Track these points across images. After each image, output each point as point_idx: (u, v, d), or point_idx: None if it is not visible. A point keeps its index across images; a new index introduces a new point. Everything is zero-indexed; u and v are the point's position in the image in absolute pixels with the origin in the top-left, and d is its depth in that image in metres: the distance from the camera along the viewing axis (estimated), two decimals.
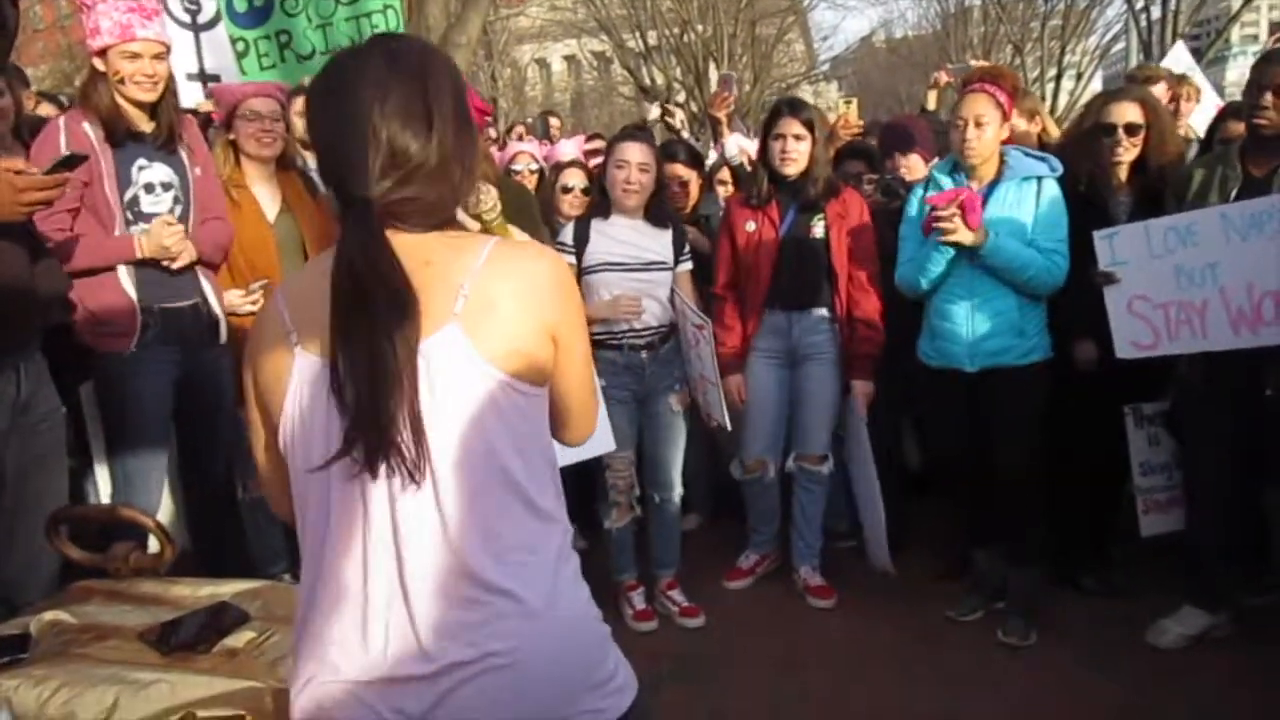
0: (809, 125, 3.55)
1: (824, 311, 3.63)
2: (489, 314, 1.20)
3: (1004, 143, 3.33)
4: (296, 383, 1.22)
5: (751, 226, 3.64)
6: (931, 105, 6.01)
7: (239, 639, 1.74)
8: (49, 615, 1.78)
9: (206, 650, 1.70)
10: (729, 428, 3.56)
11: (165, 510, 3.28)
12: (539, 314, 1.24)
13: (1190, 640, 3.20)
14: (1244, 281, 2.89)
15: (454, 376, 1.19)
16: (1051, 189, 3.25)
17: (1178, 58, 6.49)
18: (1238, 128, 3.34)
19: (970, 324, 3.26)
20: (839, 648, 3.39)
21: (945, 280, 3.30)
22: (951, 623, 3.48)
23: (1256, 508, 3.27)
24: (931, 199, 3.20)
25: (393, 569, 1.19)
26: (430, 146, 1.21)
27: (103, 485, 3.22)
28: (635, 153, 3.44)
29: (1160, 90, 4.56)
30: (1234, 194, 3.00)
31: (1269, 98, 2.91)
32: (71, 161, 2.54)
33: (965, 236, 3.13)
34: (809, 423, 3.69)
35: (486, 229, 1.43)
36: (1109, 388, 3.35)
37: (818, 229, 3.59)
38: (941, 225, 3.13)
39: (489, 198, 1.16)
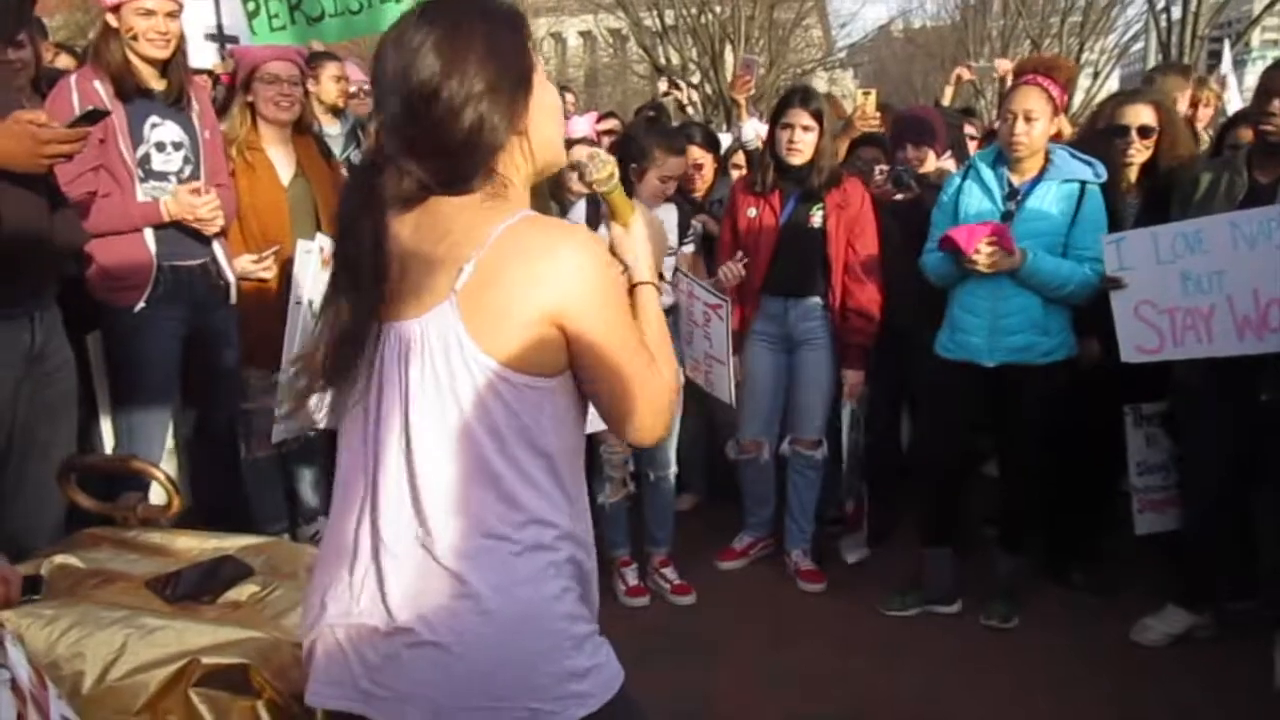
0: (817, 116, 3.57)
1: (819, 299, 3.67)
2: (487, 293, 1.18)
3: (1051, 139, 3.29)
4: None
5: (753, 213, 3.67)
6: (947, 100, 6.01)
7: (242, 592, 1.78)
8: (59, 559, 1.82)
9: (211, 601, 1.74)
10: (734, 404, 3.60)
11: (167, 466, 3.33)
12: (541, 298, 1.19)
13: (1173, 639, 3.25)
14: (1250, 288, 2.90)
15: (441, 356, 1.20)
16: (1095, 195, 3.22)
17: (1225, 65, 6.53)
18: (1247, 134, 3.35)
19: (992, 318, 3.24)
20: (827, 630, 3.44)
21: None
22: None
23: (1246, 511, 3.31)
24: (957, 238, 3.15)
25: (369, 529, 1.26)
26: (449, 104, 1.19)
27: (106, 436, 3.26)
28: (677, 167, 3.51)
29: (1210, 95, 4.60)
30: (1240, 200, 3.02)
31: (1277, 104, 2.91)
32: (94, 116, 2.58)
33: (1004, 264, 3.13)
34: (804, 406, 3.75)
35: (608, 202, 1.42)
36: (1109, 386, 3.38)
37: (816, 218, 3.63)
38: (979, 267, 3.13)
39: (606, 166, 1.14)
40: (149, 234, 3.04)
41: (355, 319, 1.22)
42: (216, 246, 3.21)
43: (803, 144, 3.56)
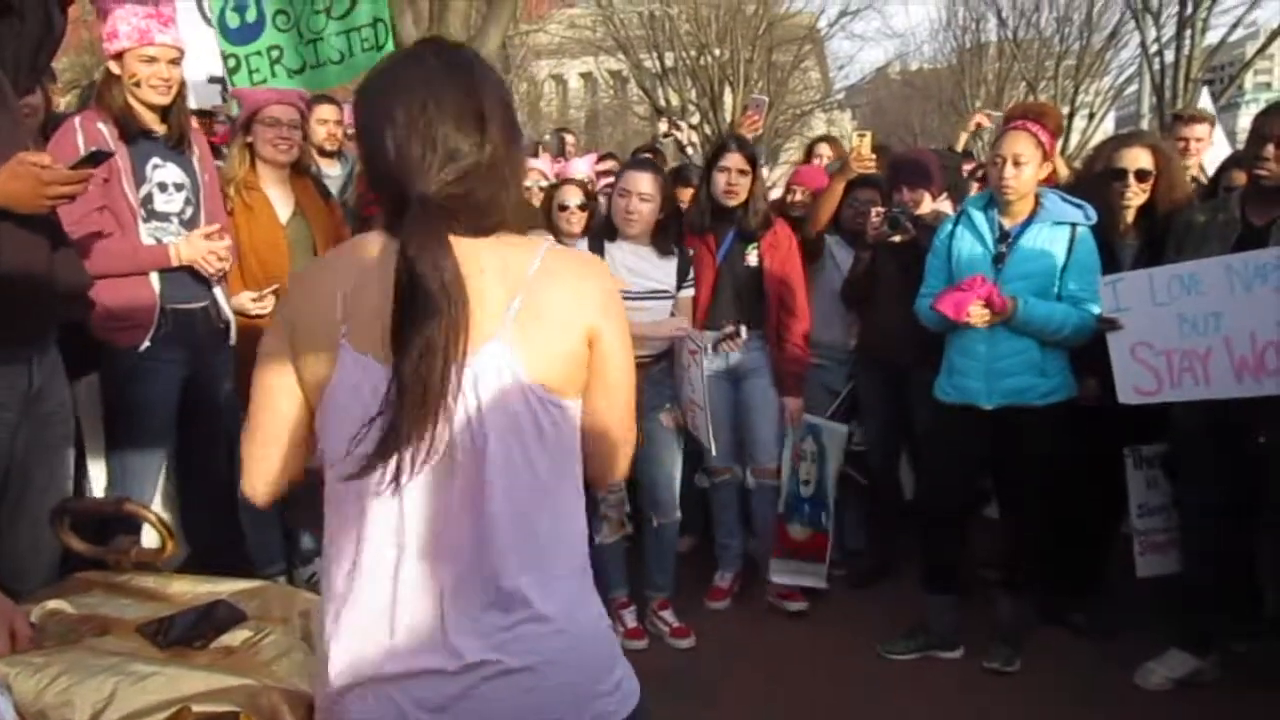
0: (752, 161, 3.83)
1: (759, 332, 3.85)
2: (537, 325, 1.24)
3: (1044, 182, 3.34)
4: (343, 376, 1.24)
5: (691, 252, 3.77)
6: (960, 145, 6.07)
7: (235, 637, 1.75)
8: (50, 604, 1.80)
9: (203, 647, 1.72)
10: (714, 451, 3.65)
11: (160, 509, 3.30)
12: (584, 324, 1.28)
13: (1176, 683, 3.21)
14: (1247, 331, 2.91)
15: (498, 389, 1.22)
16: (1086, 237, 3.25)
17: (1203, 103, 6.62)
18: (1241, 177, 3.38)
19: (990, 361, 3.25)
20: (825, 669, 3.41)
21: None
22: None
23: (1248, 553, 3.29)
24: (945, 310, 3.19)
25: (424, 567, 1.24)
26: (483, 146, 1.23)
27: (95, 479, 3.23)
28: (637, 182, 3.55)
29: (1203, 131, 4.65)
30: (1234, 242, 3.04)
31: (1270, 149, 2.94)
32: (97, 158, 2.59)
33: (996, 319, 3.17)
34: (758, 435, 3.89)
35: None
36: (1110, 427, 3.37)
37: (751, 257, 3.83)
38: (974, 324, 3.18)
39: None
40: (154, 275, 3.06)
41: (447, 351, 1.15)
42: (217, 289, 3.24)
43: (739, 186, 3.77)
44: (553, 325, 1.25)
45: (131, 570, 2.02)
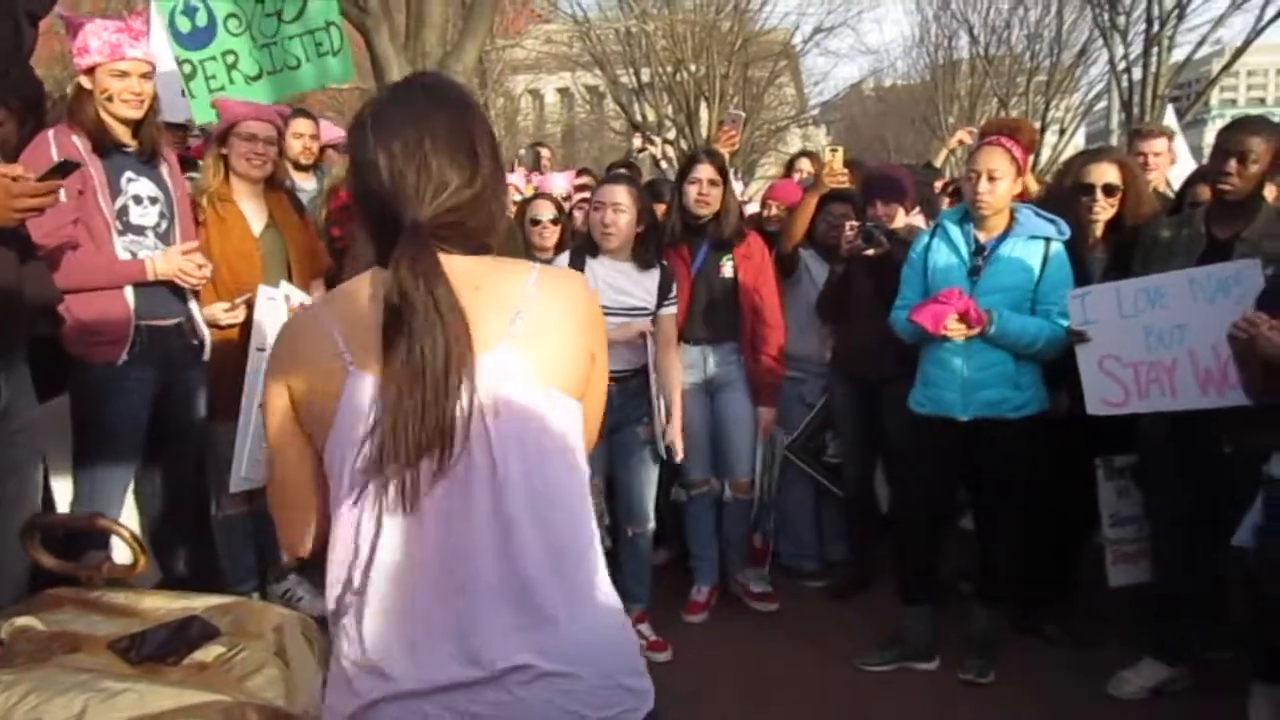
0: (722, 172, 3.84)
1: (734, 344, 3.88)
2: (542, 335, 1.29)
3: (1016, 198, 3.38)
4: (349, 400, 1.25)
5: (665, 264, 3.77)
6: (939, 162, 6.14)
7: (208, 653, 1.75)
8: (19, 621, 1.79)
9: (176, 663, 1.71)
10: (679, 459, 3.68)
11: (128, 524, 3.26)
12: (583, 335, 1.34)
13: (1149, 692, 3.24)
14: (1210, 343, 2.95)
15: (511, 394, 1.25)
16: (1060, 252, 3.29)
17: (1168, 120, 6.73)
18: (1205, 191, 3.44)
19: (965, 373, 3.28)
20: (803, 681, 3.41)
21: None
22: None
23: (1217, 562, 3.33)
24: (923, 321, 3.22)
25: (447, 576, 1.24)
26: (474, 174, 1.29)
27: (60, 496, 3.20)
28: (612, 194, 3.56)
29: (1161, 145, 4.71)
30: (1199, 255, 3.09)
31: (1233, 164, 3.00)
32: (65, 168, 2.56)
33: (973, 332, 3.20)
34: (733, 448, 3.91)
35: None
36: (1081, 438, 3.41)
37: (726, 268, 3.85)
38: (951, 337, 3.21)
39: None
40: (129, 290, 3.04)
41: (447, 361, 1.19)
42: (193, 305, 3.23)
43: (711, 197, 3.81)
44: (555, 339, 1.30)
45: (103, 586, 2.01)
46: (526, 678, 1.24)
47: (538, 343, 1.28)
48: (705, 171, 3.82)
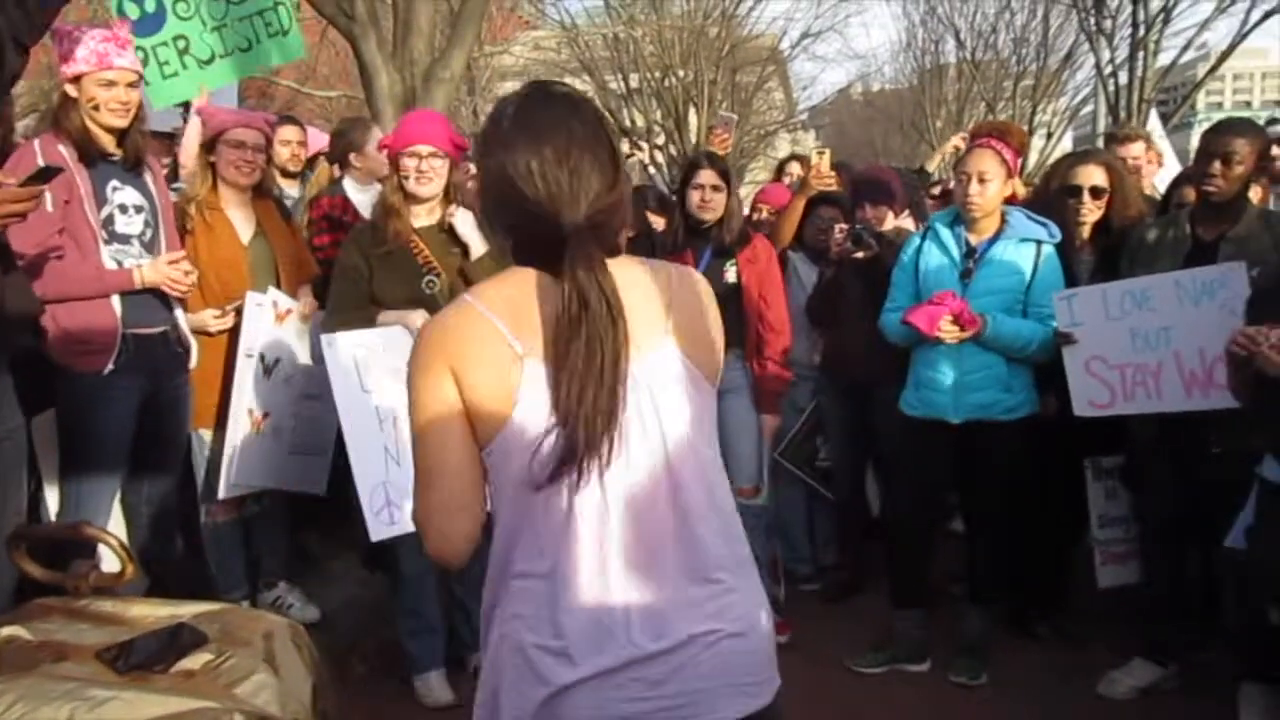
0: (725, 177, 3.78)
1: (738, 350, 3.76)
2: (690, 328, 1.40)
3: (1006, 201, 3.38)
4: (529, 391, 1.30)
5: None
6: (931, 168, 6.16)
7: (196, 660, 1.73)
8: (6, 631, 1.77)
9: (163, 670, 1.70)
10: None
11: (117, 533, 3.24)
12: (714, 328, 1.46)
13: (1140, 692, 3.25)
14: (1196, 345, 2.97)
15: (673, 382, 1.36)
16: (1051, 255, 3.30)
17: (1152, 124, 6.77)
18: (1191, 193, 3.46)
19: (957, 375, 3.29)
20: (794, 684, 3.38)
21: None
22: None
23: (1207, 563, 3.34)
24: (918, 323, 3.22)
25: (634, 555, 1.32)
26: (615, 178, 1.36)
27: (51, 507, 3.18)
28: None
29: (1139, 149, 4.72)
30: (1184, 257, 3.11)
31: (1218, 165, 3.03)
32: (47, 174, 2.53)
33: (966, 335, 3.20)
34: (737, 455, 3.80)
35: None
36: (1070, 440, 3.42)
37: (730, 274, 3.76)
38: (945, 339, 3.21)
39: None
40: (115, 299, 3.02)
41: (617, 357, 1.29)
42: (178, 313, 3.21)
43: (714, 202, 3.74)
44: (700, 331, 1.42)
45: (90, 595, 1.99)
46: (712, 639, 1.34)
47: (686, 334, 1.38)
48: (708, 176, 3.77)
